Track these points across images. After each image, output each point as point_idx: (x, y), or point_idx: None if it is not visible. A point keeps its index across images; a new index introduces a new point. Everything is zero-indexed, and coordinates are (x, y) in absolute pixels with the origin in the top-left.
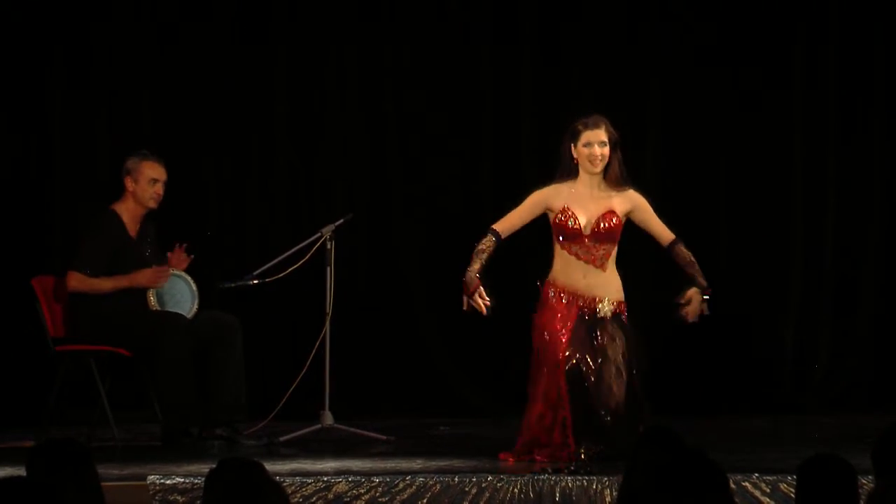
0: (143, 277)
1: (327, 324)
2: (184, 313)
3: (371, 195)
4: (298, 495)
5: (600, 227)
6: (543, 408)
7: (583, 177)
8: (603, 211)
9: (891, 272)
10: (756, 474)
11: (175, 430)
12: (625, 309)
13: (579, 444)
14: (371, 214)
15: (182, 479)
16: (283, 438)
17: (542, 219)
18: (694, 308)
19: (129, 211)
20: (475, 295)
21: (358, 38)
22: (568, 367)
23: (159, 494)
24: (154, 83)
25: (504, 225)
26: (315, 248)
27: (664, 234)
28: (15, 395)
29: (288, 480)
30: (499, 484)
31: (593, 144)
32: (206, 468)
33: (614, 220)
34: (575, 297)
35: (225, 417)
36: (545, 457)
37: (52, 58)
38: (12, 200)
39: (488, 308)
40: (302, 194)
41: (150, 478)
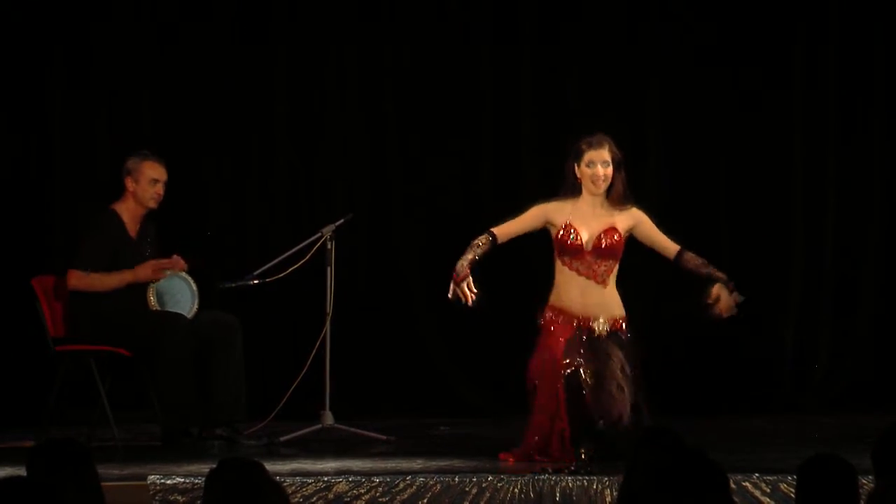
0: (142, 271)
1: (327, 324)
2: (184, 313)
3: (371, 195)
4: (299, 495)
5: (602, 243)
6: (542, 419)
7: (585, 196)
8: (605, 227)
9: (891, 272)
10: (756, 474)
11: (175, 430)
12: (623, 324)
13: (578, 445)
14: (371, 214)
15: (182, 479)
16: (283, 438)
17: (545, 238)
18: (726, 302)
19: (129, 211)
20: (463, 284)
21: (358, 38)
22: (566, 373)
23: (159, 494)
24: (154, 83)
25: (503, 229)
26: (315, 248)
27: (669, 246)
28: (15, 395)
29: (288, 480)
30: (499, 484)
31: (596, 164)
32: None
33: (616, 237)
34: (571, 317)
35: (225, 417)
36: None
37: (52, 58)
38: (12, 200)
39: (474, 300)
40: (302, 194)
41: (151, 478)
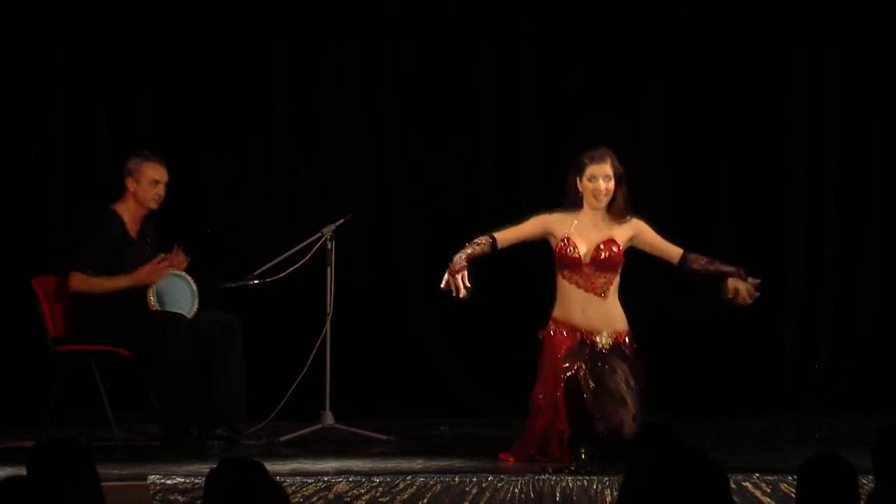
0: (143, 273)
1: (327, 324)
2: (184, 313)
3: (371, 195)
4: (299, 495)
5: (600, 255)
6: (542, 423)
7: (587, 209)
8: (604, 239)
9: (891, 272)
10: (756, 474)
11: (175, 430)
12: (626, 338)
13: (578, 446)
14: (371, 214)
15: (182, 479)
16: (283, 438)
17: (546, 244)
18: (745, 291)
19: (129, 211)
20: (457, 276)
21: (358, 39)
22: (565, 377)
23: (159, 494)
24: (154, 83)
25: (503, 234)
26: (315, 248)
27: (672, 250)
28: (15, 395)
29: (288, 480)
30: (499, 484)
31: (598, 179)
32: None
33: (615, 249)
34: (574, 330)
35: (225, 417)
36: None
37: (52, 58)
38: (12, 200)
39: (466, 295)
40: (302, 194)
41: (151, 478)
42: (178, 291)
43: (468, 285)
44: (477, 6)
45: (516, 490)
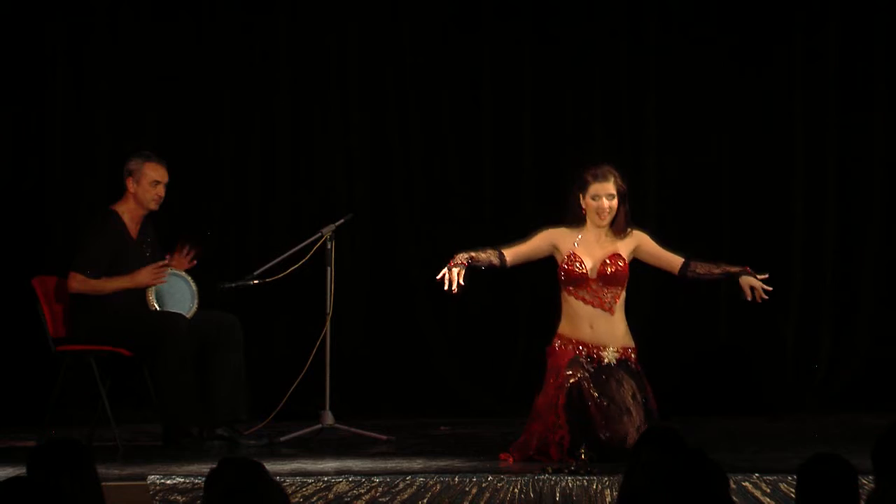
0: (143, 275)
1: (327, 324)
2: (184, 313)
3: (371, 195)
4: (299, 495)
5: (606, 270)
6: (541, 427)
7: (590, 226)
8: (609, 254)
9: (891, 272)
10: (756, 474)
11: (175, 430)
12: (632, 354)
13: (578, 446)
14: (371, 214)
15: (182, 479)
16: (283, 438)
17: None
18: (759, 289)
19: (129, 211)
20: (454, 270)
21: (358, 39)
22: (568, 384)
23: (160, 494)
24: (154, 83)
25: (511, 250)
26: (315, 248)
27: (674, 260)
28: (16, 395)
29: (288, 480)
30: (499, 484)
31: (601, 197)
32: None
33: (620, 263)
34: (581, 345)
35: (225, 417)
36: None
37: (53, 58)
38: (13, 200)
39: (457, 291)
40: (302, 194)
41: (151, 478)
42: (177, 291)
43: (461, 283)
44: (478, 6)
45: (516, 490)
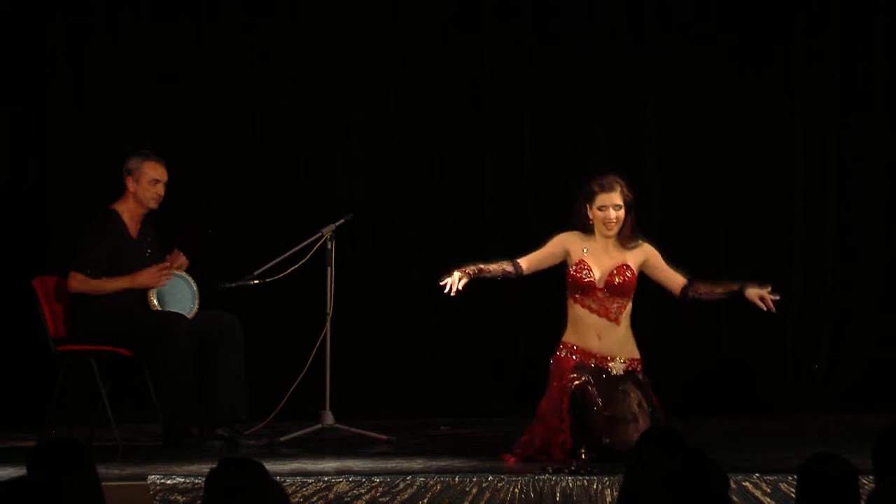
0: (144, 277)
1: (327, 324)
2: (184, 313)
3: (371, 195)
4: (299, 495)
5: (615, 280)
6: (543, 430)
7: (597, 236)
8: (618, 264)
9: (891, 273)
10: (756, 474)
11: (175, 430)
12: (639, 365)
13: (579, 446)
14: (371, 214)
15: (182, 479)
16: (283, 438)
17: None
18: (766, 299)
19: (129, 211)
20: (456, 275)
21: (358, 39)
22: (572, 386)
23: (160, 494)
24: (154, 83)
25: (526, 259)
26: (315, 248)
27: (676, 278)
28: (16, 395)
29: (288, 480)
30: (499, 484)
31: (608, 208)
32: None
33: (628, 274)
34: (588, 355)
35: (225, 417)
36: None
37: (53, 58)
38: (13, 200)
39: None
40: (302, 194)
41: (151, 478)
42: (178, 291)
43: (460, 290)
44: (479, 5)
45: (516, 490)
